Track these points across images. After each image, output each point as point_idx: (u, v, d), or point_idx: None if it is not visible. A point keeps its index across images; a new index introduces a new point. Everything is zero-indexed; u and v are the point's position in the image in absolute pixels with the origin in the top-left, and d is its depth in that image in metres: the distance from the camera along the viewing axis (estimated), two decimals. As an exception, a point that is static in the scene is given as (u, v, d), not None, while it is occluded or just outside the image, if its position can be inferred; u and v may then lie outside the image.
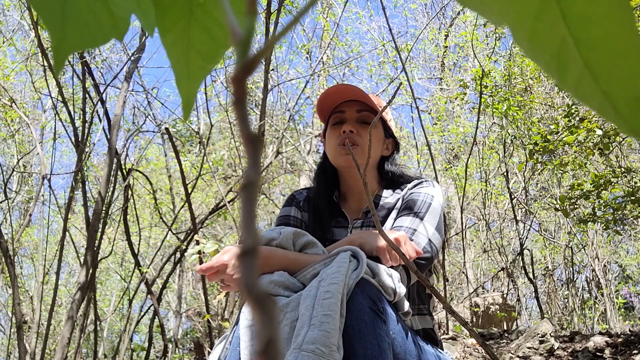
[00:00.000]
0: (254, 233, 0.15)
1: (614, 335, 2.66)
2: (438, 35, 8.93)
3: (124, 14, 0.34)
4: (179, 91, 0.36)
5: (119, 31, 0.34)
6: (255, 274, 0.15)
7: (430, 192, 1.32)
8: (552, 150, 3.30)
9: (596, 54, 0.23)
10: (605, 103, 0.24)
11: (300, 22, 6.90)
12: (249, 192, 0.15)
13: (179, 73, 0.35)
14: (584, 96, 0.25)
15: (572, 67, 0.24)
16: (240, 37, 0.15)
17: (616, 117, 0.24)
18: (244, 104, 0.15)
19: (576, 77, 0.24)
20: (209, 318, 3.37)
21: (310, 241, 1.20)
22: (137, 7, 0.34)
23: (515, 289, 5.73)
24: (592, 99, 0.24)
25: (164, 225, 6.33)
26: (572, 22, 0.23)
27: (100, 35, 0.34)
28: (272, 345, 0.15)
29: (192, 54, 0.35)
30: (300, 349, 0.92)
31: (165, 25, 0.34)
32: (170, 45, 0.35)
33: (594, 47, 0.23)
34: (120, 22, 0.34)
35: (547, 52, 0.25)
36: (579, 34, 0.23)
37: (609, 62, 0.23)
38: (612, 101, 0.24)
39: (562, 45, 0.24)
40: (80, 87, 4.05)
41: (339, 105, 1.42)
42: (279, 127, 5.95)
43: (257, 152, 0.15)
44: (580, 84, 0.24)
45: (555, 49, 0.24)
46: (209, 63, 0.35)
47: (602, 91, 0.24)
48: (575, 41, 0.24)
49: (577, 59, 0.24)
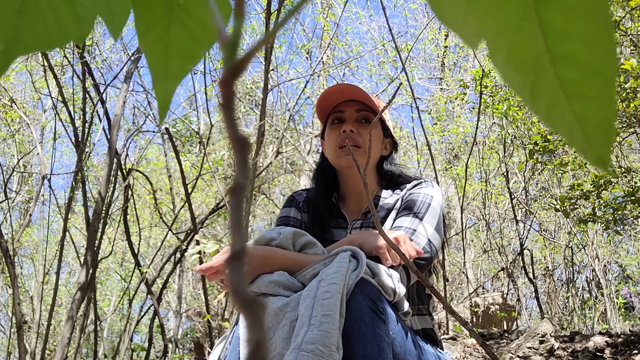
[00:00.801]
0: (243, 236, 0.15)
1: (614, 335, 2.66)
2: (438, 35, 8.92)
3: (89, 15, 0.33)
4: (155, 92, 0.36)
5: (80, 33, 0.33)
6: (244, 278, 0.15)
7: (430, 192, 1.32)
8: (552, 150, 3.30)
9: (572, 71, 0.23)
10: (575, 127, 0.24)
11: (300, 22, 6.90)
12: (238, 195, 0.15)
13: (156, 73, 0.35)
14: (554, 120, 0.24)
15: (545, 87, 0.24)
16: (227, 39, 0.15)
17: (584, 143, 0.24)
18: (232, 106, 0.14)
19: (548, 98, 0.24)
20: (209, 318, 3.37)
21: (309, 241, 1.20)
22: (106, 8, 0.33)
23: (515, 289, 5.73)
24: (562, 123, 0.24)
25: (164, 225, 6.33)
26: (551, 35, 0.23)
27: (58, 36, 0.33)
28: (260, 348, 0.15)
29: (171, 54, 0.34)
30: (299, 349, 0.92)
31: (145, 25, 0.34)
32: (149, 45, 0.34)
33: (570, 62, 0.23)
34: (83, 23, 0.33)
35: (523, 70, 0.24)
36: (557, 49, 0.23)
37: (584, 79, 0.23)
38: (583, 123, 0.23)
39: (537, 62, 0.24)
40: (80, 87, 4.05)
41: (338, 105, 1.41)
42: (279, 127, 5.95)
43: (246, 155, 0.15)
44: (551, 106, 0.24)
45: (530, 66, 0.24)
46: (189, 63, 0.35)
47: (573, 111, 0.23)
48: (552, 57, 0.23)
49: (552, 77, 0.23)
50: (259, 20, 6.34)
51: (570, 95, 0.23)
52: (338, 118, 1.40)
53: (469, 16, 0.24)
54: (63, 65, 4.70)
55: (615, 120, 0.23)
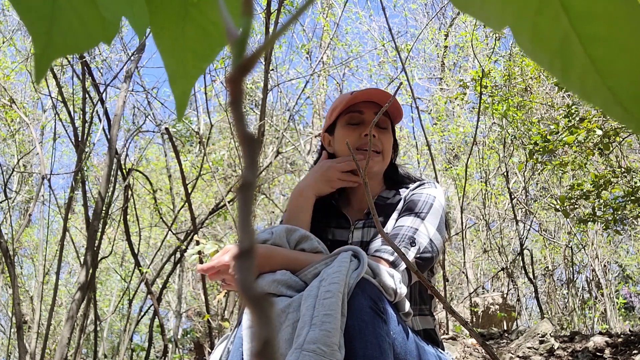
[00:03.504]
0: (251, 234, 0.15)
1: (614, 335, 2.66)
2: (438, 35, 8.93)
3: (113, 17, 0.33)
4: (173, 91, 0.36)
5: (107, 35, 0.33)
6: (253, 275, 0.15)
7: (432, 192, 1.32)
8: (552, 150, 3.30)
9: (601, 49, 0.23)
10: (610, 99, 0.24)
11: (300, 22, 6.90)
12: (246, 192, 0.15)
13: (173, 73, 0.35)
14: (589, 93, 0.25)
15: (576, 64, 0.24)
16: (236, 37, 0.15)
17: (623, 114, 0.24)
18: (241, 104, 0.15)
19: (580, 73, 0.24)
20: (209, 318, 3.37)
21: (303, 235, 1.20)
22: (129, 9, 0.33)
23: (515, 289, 5.73)
24: (596, 96, 0.24)
25: (164, 225, 6.32)
26: (575, 17, 0.23)
27: (87, 39, 0.33)
28: (269, 346, 0.15)
29: (186, 53, 0.35)
30: (301, 349, 0.92)
31: (160, 24, 0.34)
32: (165, 44, 0.34)
33: (598, 42, 0.23)
34: (109, 26, 0.33)
35: (550, 50, 0.24)
36: (583, 30, 0.23)
37: (614, 57, 0.23)
38: (618, 97, 0.24)
39: (564, 42, 0.24)
40: (80, 87, 4.05)
41: (357, 104, 1.37)
42: (279, 127, 5.95)
43: (254, 152, 0.15)
44: (584, 80, 0.24)
45: (557, 45, 0.24)
46: (203, 62, 0.35)
47: (608, 87, 0.24)
48: (579, 37, 0.23)
49: (581, 55, 0.24)
50: (258, 20, 6.34)
51: (602, 72, 0.24)
52: (357, 119, 1.37)
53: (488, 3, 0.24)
54: (63, 65, 4.70)
55: None
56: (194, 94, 4.28)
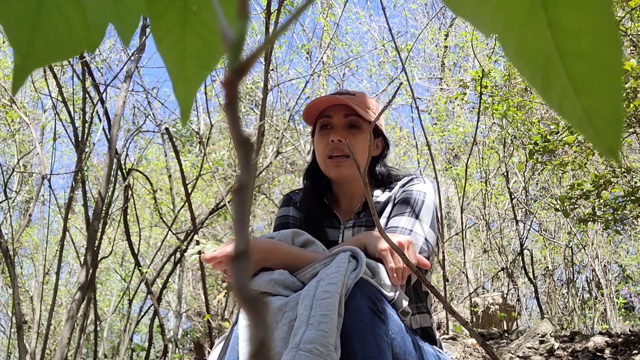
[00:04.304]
0: (247, 236, 0.15)
1: (614, 335, 2.66)
2: (438, 35, 8.93)
3: (100, 23, 0.33)
4: (176, 97, 0.36)
5: (92, 42, 0.33)
6: (248, 277, 0.15)
7: (422, 189, 1.32)
8: (552, 150, 3.30)
9: (581, 66, 0.23)
10: (584, 119, 0.24)
11: (300, 22, 6.90)
12: (242, 194, 0.15)
13: (175, 79, 0.35)
14: (566, 112, 0.25)
15: (556, 81, 0.24)
16: (231, 40, 0.15)
17: (594, 135, 0.24)
18: (236, 107, 0.15)
19: (560, 91, 0.24)
20: (209, 318, 3.37)
21: (309, 239, 1.20)
22: (116, 15, 0.33)
23: (515, 289, 5.73)
24: (573, 115, 0.24)
25: (164, 225, 6.32)
26: (559, 32, 0.23)
27: (70, 46, 0.33)
28: (264, 347, 0.15)
29: (187, 59, 0.35)
30: (297, 349, 0.92)
31: (161, 31, 0.34)
32: (166, 50, 0.34)
33: (579, 58, 0.23)
34: (94, 31, 0.33)
35: (533, 64, 0.25)
36: (565, 46, 0.23)
37: (592, 74, 0.23)
38: (590, 117, 0.24)
39: (548, 58, 0.24)
40: (80, 87, 4.05)
41: (326, 109, 1.39)
42: (279, 127, 5.95)
43: (249, 155, 0.15)
44: (563, 98, 0.24)
45: (541, 60, 0.24)
46: (204, 69, 0.35)
47: (582, 106, 0.24)
48: (561, 53, 0.24)
49: (562, 72, 0.24)
50: (258, 20, 6.34)
51: (578, 90, 0.24)
52: (326, 124, 1.38)
53: (481, 9, 0.24)
54: (63, 65, 4.70)
55: (622, 114, 0.24)
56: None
